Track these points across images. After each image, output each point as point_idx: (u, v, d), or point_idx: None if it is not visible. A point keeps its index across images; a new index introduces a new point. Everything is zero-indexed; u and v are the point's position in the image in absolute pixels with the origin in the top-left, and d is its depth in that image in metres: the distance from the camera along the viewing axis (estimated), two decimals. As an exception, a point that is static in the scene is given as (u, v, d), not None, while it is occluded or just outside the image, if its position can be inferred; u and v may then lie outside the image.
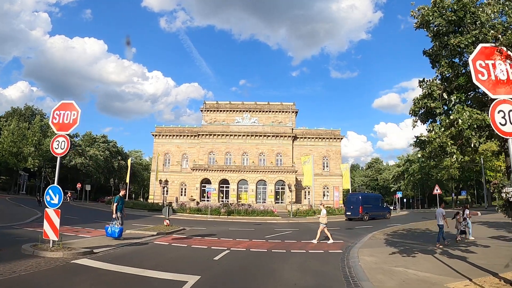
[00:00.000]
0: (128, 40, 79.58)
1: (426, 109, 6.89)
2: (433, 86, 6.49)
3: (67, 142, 9.82)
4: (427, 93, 6.68)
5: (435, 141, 6.15)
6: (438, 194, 28.38)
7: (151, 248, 11.44)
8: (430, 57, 7.14)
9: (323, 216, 14.74)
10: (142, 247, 11.39)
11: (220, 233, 17.02)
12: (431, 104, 6.51)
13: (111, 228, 12.30)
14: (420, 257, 10.12)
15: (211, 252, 10.79)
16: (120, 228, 12.35)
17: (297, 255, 10.76)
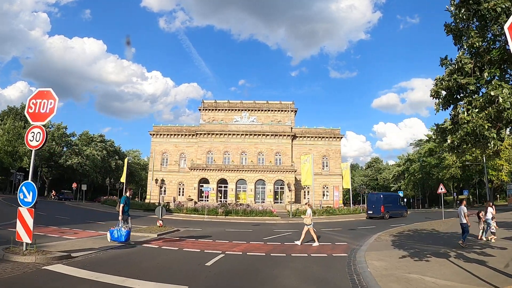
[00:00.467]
0: (128, 40, 78.70)
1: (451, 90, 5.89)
2: (464, 59, 5.51)
3: (42, 134, 8.84)
4: (456, 67, 5.70)
5: (468, 125, 5.18)
6: (442, 193, 27.30)
7: (138, 251, 10.44)
8: (453, 32, 6.17)
9: (307, 217, 13.81)
10: (128, 251, 10.38)
11: (216, 234, 16.05)
12: (462, 80, 5.53)
13: (117, 231, 11.03)
14: (434, 262, 9.16)
15: (204, 256, 9.80)
16: (127, 232, 11.14)
17: (298, 260, 9.77)
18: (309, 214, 13.83)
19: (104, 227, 17.91)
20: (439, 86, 6.08)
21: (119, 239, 10.94)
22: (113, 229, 11.15)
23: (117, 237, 10.96)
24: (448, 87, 5.90)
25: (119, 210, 11.48)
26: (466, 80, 5.49)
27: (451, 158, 58.27)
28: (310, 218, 13.73)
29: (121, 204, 11.58)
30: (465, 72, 5.57)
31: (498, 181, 57.88)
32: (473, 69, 5.50)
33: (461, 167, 58.13)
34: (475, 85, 5.46)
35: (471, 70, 5.47)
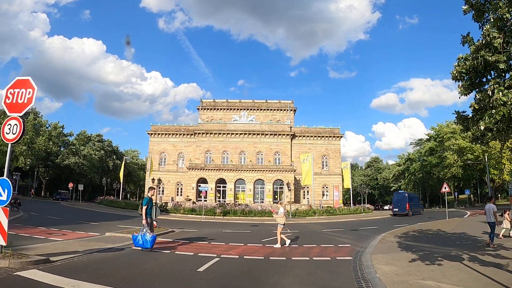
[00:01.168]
0: (128, 40, 77.82)
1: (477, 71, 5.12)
2: (492, 33, 4.76)
3: (20, 126, 8.06)
4: (484, 43, 4.94)
5: (504, 107, 4.42)
6: (446, 192, 26.59)
7: (126, 255, 9.64)
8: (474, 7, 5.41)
9: (280, 216, 13.03)
10: (115, 254, 9.60)
11: (212, 236, 15.26)
12: (491, 58, 4.78)
13: (141, 237, 10.01)
14: (447, 266, 8.40)
15: (197, 260, 9.01)
16: (153, 237, 10.17)
17: (300, 264, 8.97)
18: (282, 214, 13.12)
19: (97, 228, 17.20)
20: (462, 66, 5.33)
21: (144, 245, 9.95)
22: (136, 235, 10.15)
23: (141, 243, 9.96)
24: (473, 66, 5.15)
25: (142, 213, 10.45)
26: (495, 57, 4.74)
27: (452, 157, 57.64)
28: (283, 217, 13.02)
29: (143, 206, 10.51)
30: (493, 48, 4.83)
31: (500, 180, 57.23)
32: (502, 45, 4.76)
33: (462, 166, 57.44)
34: (505, 63, 4.72)
35: (500, 45, 4.73)
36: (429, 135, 68.96)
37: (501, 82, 4.77)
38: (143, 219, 10.35)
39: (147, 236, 9.99)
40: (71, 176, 65.48)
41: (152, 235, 10.15)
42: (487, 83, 5.21)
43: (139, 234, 10.11)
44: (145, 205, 10.50)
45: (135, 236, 10.21)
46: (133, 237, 10.26)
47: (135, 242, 10.09)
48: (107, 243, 11.34)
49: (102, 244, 11.02)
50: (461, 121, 5.65)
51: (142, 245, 9.96)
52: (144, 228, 10.17)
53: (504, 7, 4.64)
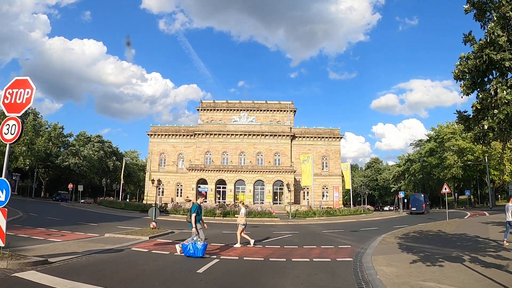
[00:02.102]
0: (128, 41, 77.78)
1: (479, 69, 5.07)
2: (496, 31, 4.71)
3: (18, 126, 8.01)
4: (488, 41, 4.89)
5: (508, 106, 4.37)
6: (446, 192, 26.54)
7: (125, 256, 9.59)
8: (475, 6, 5.36)
9: (241, 216, 13.06)
10: (114, 255, 9.54)
11: (212, 237, 15.19)
12: (496, 56, 4.72)
13: (192, 246, 9.58)
14: (448, 267, 8.35)
15: (196, 261, 8.95)
16: (204, 245, 9.78)
17: (299, 266, 8.92)
18: (243, 214, 13.12)
19: (97, 229, 17.15)
20: (464, 65, 5.29)
21: (196, 254, 9.52)
22: (187, 244, 9.70)
23: (193, 252, 9.54)
24: (475, 66, 5.10)
25: (192, 221, 10.01)
26: (500, 55, 4.69)
27: (452, 158, 57.58)
28: (243, 218, 13.00)
29: (192, 213, 10.05)
30: (498, 46, 4.78)
31: (500, 181, 57.18)
32: (506, 43, 4.70)
33: (462, 167, 57.38)
34: (511, 61, 4.65)
35: (505, 43, 4.68)
36: (429, 135, 68.86)
37: (503, 82, 4.72)
38: (193, 227, 9.95)
39: (198, 244, 9.63)
40: (71, 177, 65.36)
41: (203, 243, 9.79)
42: (489, 83, 5.16)
43: (189, 243, 9.69)
44: (194, 212, 10.09)
45: (185, 245, 9.77)
46: (183, 246, 9.80)
47: (185, 251, 9.68)
48: (107, 244, 11.28)
49: (101, 245, 10.96)
50: (463, 121, 5.61)
51: (193, 254, 9.54)
52: (194, 236, 9.80)
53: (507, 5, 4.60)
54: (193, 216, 10.00)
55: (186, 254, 9.64)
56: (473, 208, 52.15)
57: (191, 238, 9.85)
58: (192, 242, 9.69)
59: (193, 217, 9.99)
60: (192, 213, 10.06)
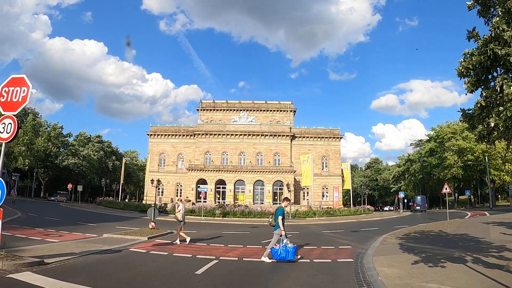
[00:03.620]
0: (128, 41, 77.50)
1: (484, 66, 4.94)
2: (502, 25, 4.58)
3: (14, 125, 7.87)
4: (493, 36, 4.77)
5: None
6: (446, 193, 26.40)
7: (123, 257, 9.46)
8: (479, 1, 5.24)
9: (178, 211, 13.11)
10: (112, 256, 9.41)
11: (211, 237, 15.11)
12: (500, 51, 4.60)
13: (283, 249, 9.20)
14: (451, 267, 8.22)
15: (195, 262, 8.83)
16: (294, 247, 9.44)
17: (300, 267, 8.79)
18: (180, 210, 13.07)
19: (96, 229, 17.04)
20: (468, 61, 5.16)
21: (287, 257, 9.18)
22: (277, 248, 9.30)
23: (284, 256, 9.18)
24: (480, 62, 4.98)
25: (280, 224, 9.61)
26: (505, 50, 4.57)
27: (452, 158, 57.50)
28: (180, 214, 12.98)
29: (278, 216, 9.72)
30: (503, 41, 4.66)
31: (500, 181, 57.09)
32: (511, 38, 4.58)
33: (462, 167, 57.29)
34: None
35: (510, 38, 4.55)
36: (429, 135, 68.74)
37: (508, 78, 4.60)
38: (281, 230, 9.57)
39: (289, 247, 9.29)
40: (70, 177, 65.24)
41: (294, 246, 9.47)
42: (493, 80, 5.04)
43: (279, 247, 9.31)
44: (280, 215, 9.77)
45: (275, 249, 9.33)
46: (273, 250, 9.36)
47: (275, 255, 9.26)
48: (105, 244, 11.16)
49: (99, 245, 10.84)
50: (467, 119, 5.48)
51: (285, 257, 9.18)
52: (283, 239, 9.50)
53: (513, 0, 4.48)
54: (279, 219, 9.70)
55: (277, 259, 9.26)
56: (473, 208, 52.02)
57: (280, 241, 9.53)
58: (282, 246, 9.35)
59: (280, 220, 9.69)
60: (278, 216, 9.78)
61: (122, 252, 10.05)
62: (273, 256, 9.35)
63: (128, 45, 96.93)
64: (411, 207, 55.90)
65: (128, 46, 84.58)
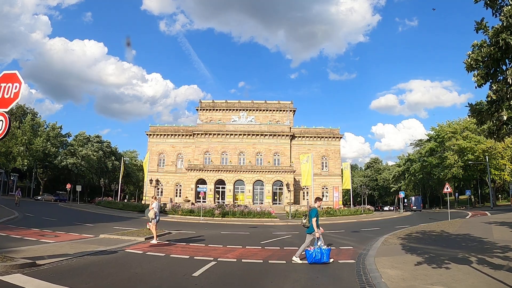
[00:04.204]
0: (128, 41, 77.32)
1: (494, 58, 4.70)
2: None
3: (5, 122, 7.61)
4: (505, 25, 4.53)
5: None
6: (448, 192, 26.15)
7: (119, 258, 9.20)
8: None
9: (151, 208, 13.04)
10: (107, 257, 9.16)
11: (210, 237, 14.85)
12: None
13: (318, 251, 8.97)
14: (455, 269, 7.98)
15: (192, 264, 8.59)
16: (329, 249, 9.29)
17: (300, 268, 8.54)
18: (154, 208, 12.98)
19: (92, 229, 16.80)
20: (478, 53, 4.92)
21: (322, 259, 8.96)
22: (311, 250, 9.06)
23: (319, 258, 8.95)
24: (490, 53, 4.74)
25: (314, 225, 9.41)
26: (518, 40, 4.33)
27: (452, 157, 57.25)
28: (153, 212, 12.91)
29: (313, 217, 9.49)
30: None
31: (501, 180, 56.86)
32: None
33: (463, 166, 57.04)
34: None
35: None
36: (429, 135, 68.47)
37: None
38: (316, 232, 9.38)
39: (323, 249, 9.07)
40: (69, 177, 64.95)
41: (328, 248, 9.29)
42: (503, 74, 4.80)
43: (313, 249, 9.02)
44: (315, 217, 9.53)
45: (309, 251, 9.09)
46: (307, 252, 9.12)
47: (309, 258, 9.01)
48: (100, 245, 10.92)
49: (95, 246, 10.60)
50: (475, 114, 5.24)
51: (319, 260, 8.95)
52: (318, 241, 9.27)
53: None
54: (313, 220, 9.48)
55: (311, 261, 8.98)
56: (473, 208, 51.77)
57: (315, 243, 9.28)
58: (316, 248, 9.10)
59: (314, 221, 9.48)
60: (312, 217, 9.54)
61: (118, 253, 9.80)
62: (307, 258, 9.09)
63: (128, 45, 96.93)
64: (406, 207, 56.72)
65: (128, 46, 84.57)
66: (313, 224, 9.42)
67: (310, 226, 9.53)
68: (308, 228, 9.61)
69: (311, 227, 9.46)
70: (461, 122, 61.45)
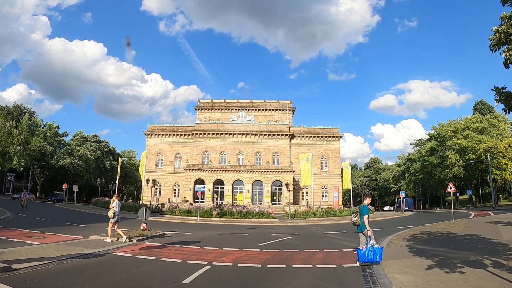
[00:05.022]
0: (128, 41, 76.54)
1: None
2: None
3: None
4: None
5: None
6: (451, 192, 25.50)
7: (104, 262, 8.50)
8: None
9: (112, 207, 12.73)
10: (91, 261, 8.47)
11: (206, 239, 14.17)
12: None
13: (371, 251, 8.37)
14: (470, 273, 7.33)
15: (185, 269, 7.89)
16: (381, 248, 8.68)
17: (301, 273, 7.84)
18: (114, 207, 12.62)
19: (83, 230, 16.15)
20: (508, 25, 4.25)
21: (375, 259, 8.38)
22: (364, 249, 8.48)
23: (371, 258, 8.37)
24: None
25: (366, 223, 8.82)
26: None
27: (453, 157, 56.61)
28: (113, 211, 12.56)
29: (364, 214, 8.90)
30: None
31: (502, 180, 56.23)
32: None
33: (464, 166, 56.39)
34: None
35: None
36: (430, 134, 67.80)
37: None
38: (368, 230, 8.77)
39: (376, 248, 8.49)
40: (67, 177, 64.20)
41: (381, 246, 8.72)
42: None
43: (366, 249, 8.42)
44: (366, 214, 8.89)
45: (361, 251, 8.49)
46: (359, 252, 8.52)
47: (362, 257, 8.41)
48: (88, 247, 10.24)
49: (81, 248, 9.92)
50: (504, 99, 4.59)
51: (372, 260, 8.39)
52: (370, 240, 8.66)
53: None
54: (365, 217, 8.85)
55: (364, 261, 8.42)
56: (474, 208, 51.21)
57: (367, 242, 8.70)
58: (368, 247, 8.52)
59: (366, 218, 8.86)
60: (364, 215, 8.90)
61: (105, 257, 9.09)
62: (359, 258, 8.49)
63: (128, 45, 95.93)
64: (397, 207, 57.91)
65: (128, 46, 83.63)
66: (364, 222, 8.85)
67: (361, 223, 8.95)
68: (359, 226, 9.05)
69: (363, 225, 8.91)
70: (462, 121, 60.86)
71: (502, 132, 56.12)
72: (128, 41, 47.31)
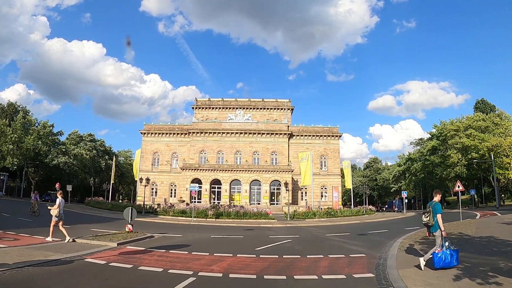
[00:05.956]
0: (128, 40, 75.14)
1: None
2: None
3: None
4: None
5: None
6: (459, 191, 24.22)
7: (68, 271, 7.12)
8: None
9: (54, 208, 12.06)
10: (54, 269, 7.11)
11: (197, 242, 12.84)
12: None
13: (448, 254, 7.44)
14: (508, 285, 6.06)
15: (163, 281, 6.55)
16: (457, 250, 7.67)
17: (306, 286, 6.55)
18: (57, 205, 12.08)
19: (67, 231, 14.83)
20: None
21: (451, 263, 7.46)
22: (439, 253, 7.49)
23: (448, 262, 7.43)
24: None
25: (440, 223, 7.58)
26: None
27: (456, 156, 55.40)
28: (57, 209, 12.06)
29: (438, 214, 7.62)
30: None
31: (505, 180, 55.05)
32: None
33: (466, 165, 55.18)
34: None
35: None
36: (431, 133, 66.61)
37: None
38: (442, 231, 7.61)
39: (452, 250, 7.54)
40: (61, 177, 62.82)
41: (456, 248, 7.72)
42: None
43: (442, 251, 7.47)
44: (440, 212, 7.65)
45: (437, 254, 7.48)
46: (434, 255, 7.50)
47: (439, 262, 7.44)
48: (57, 252, 8.90)
49: (49, 253, 8.60)
50: None
51: (449, 264, 7.46)
52: (445, 242, 7.61)
53: None
54: (439, 216, 7.60)
55: (440, 266, 7.44)
56: (477, 208, 49.98)
57: (440, 244, 7.65)
58: (444, 250, 7.51)
59: (440, 217, 7.60)
60: (437, 214, 7.64)
61: (73, 264, 7.74)
62: (435, 263, 7.46)
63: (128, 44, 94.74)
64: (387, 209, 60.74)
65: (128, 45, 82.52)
66: (438, 221, 7.58)
67: (435, 223, 7.65)
68: (433, 227, 7.73)
69: (436, 225, 7.63)
70: (463, 120, 59.69)
71: (505, 131, 54.94)
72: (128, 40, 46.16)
